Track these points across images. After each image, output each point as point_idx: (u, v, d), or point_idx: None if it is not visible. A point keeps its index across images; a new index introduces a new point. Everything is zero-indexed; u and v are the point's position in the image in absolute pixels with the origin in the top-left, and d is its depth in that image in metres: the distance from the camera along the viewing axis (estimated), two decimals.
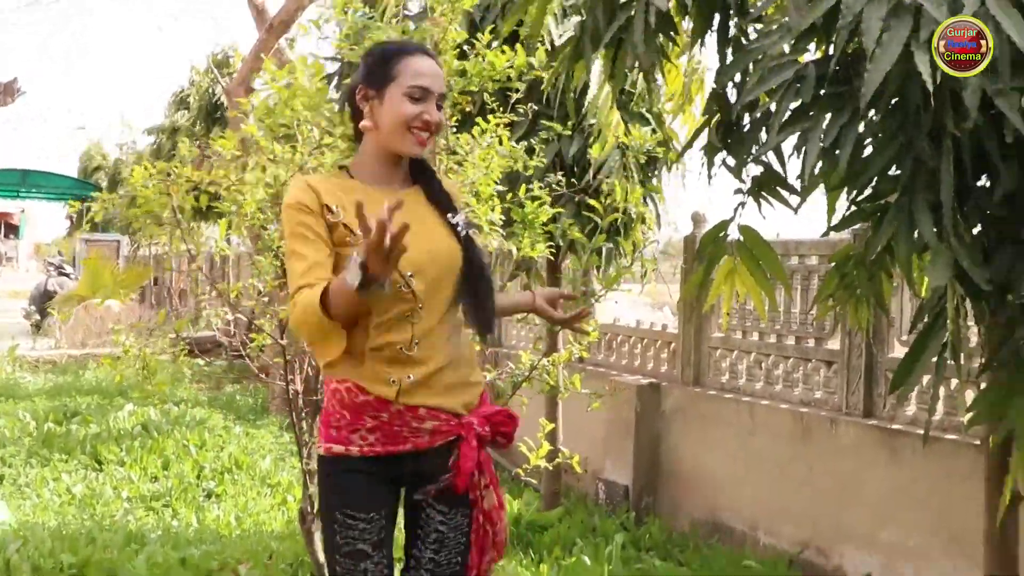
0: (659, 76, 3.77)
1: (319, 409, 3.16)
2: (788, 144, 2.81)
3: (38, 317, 17.32)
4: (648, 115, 5.18)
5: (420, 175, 2.34)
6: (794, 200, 3.02)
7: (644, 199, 5.07)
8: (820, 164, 2.74)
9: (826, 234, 2.96)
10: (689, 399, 6.54)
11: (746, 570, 5.30)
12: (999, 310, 2.75)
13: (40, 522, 5.95)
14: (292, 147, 3.24)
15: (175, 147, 13.35)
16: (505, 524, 2.35)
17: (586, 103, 4.41)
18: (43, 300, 17.65)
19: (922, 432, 4.72)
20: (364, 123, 2.25)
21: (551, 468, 4.37)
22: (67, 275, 19.63)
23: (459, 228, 2.26)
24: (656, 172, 5.37)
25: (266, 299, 3.79)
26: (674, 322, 6.90)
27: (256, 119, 3.30)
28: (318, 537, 3.85)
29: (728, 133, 3.11)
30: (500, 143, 3.85)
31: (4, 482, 7.07)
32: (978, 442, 4.38)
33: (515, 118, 4.04)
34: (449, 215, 2.28)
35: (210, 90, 13.26)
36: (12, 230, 41.15)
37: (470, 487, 2.24)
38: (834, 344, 5.53)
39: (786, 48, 2.69)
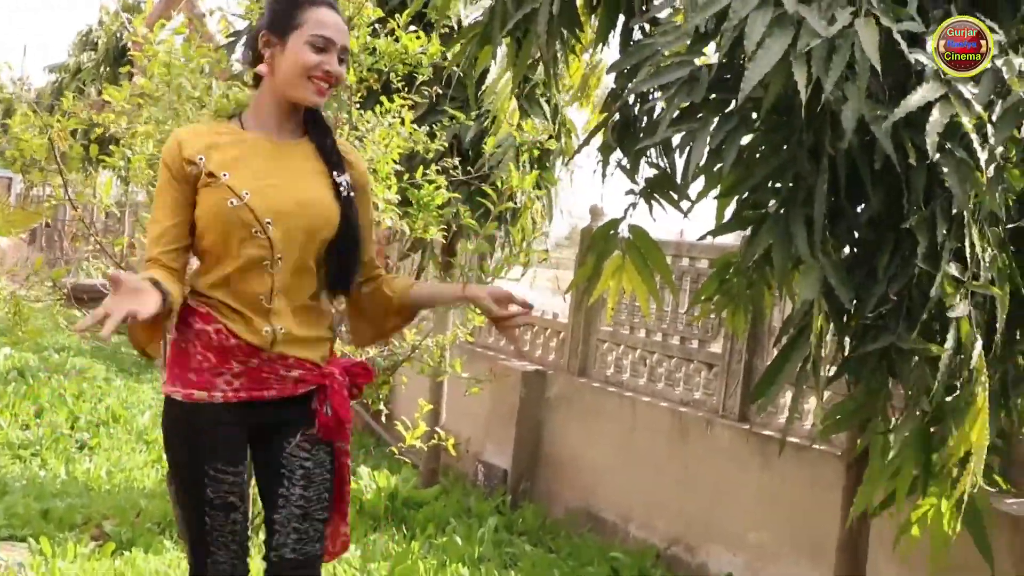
0: (561, 68, 3.82)
1: None
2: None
3: None
4: (546, 105, 5.25)
5: (314, 127, 2.31)
6: (686, 205, 3.10)
7: (539, 188, 5.13)
8: (714, 168, 2.83)
9: (703, 238, 3.04)
10: (574, 389, 6.63)
11: (612, 561, 5.41)
12: (850, 326, 2.87)
13: None
14: (184, 102, 3.18)
15: (79, 89, 12.95)
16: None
17: (483, 89, 4.43)
18: None
19: (793, 440, 4.89)
20: (260, 67, 2.23)
21: (428, 448, 4.40)
22: None
23: (342, 188, 2.25)
24: (550, 163, 5.44)
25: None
26: (567, 311, 6.98)
27: (150, 73, 3.23)
28: None
29: (624, 133, 3.17)
30: (402, 123, 3.85)
31: None
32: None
33: (419, 99, 4.04)
34: (335, 173, 2.26)
35: (117, 34, 12.88)
36: None
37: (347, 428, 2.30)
38: (716, 348, 5.67)
39: (680, 48, 2.76)
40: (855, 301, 2.72)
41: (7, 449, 6.45)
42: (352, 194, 2.27)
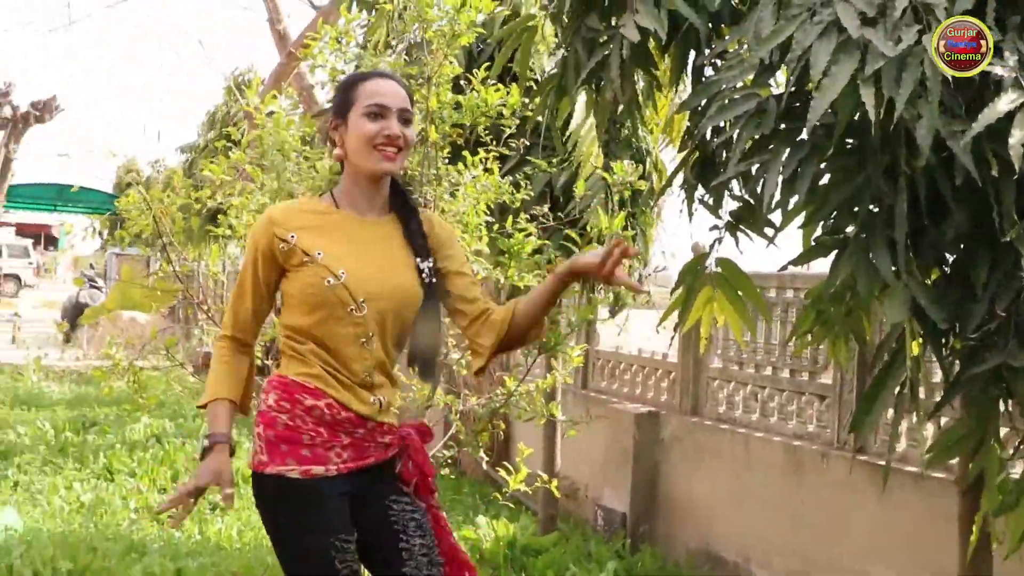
0: (646, 109, 3.86)
1: None
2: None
3: (68, 328, 17.62)
4: (637, 145, 5.28)
5: (401, 207, 2.40)
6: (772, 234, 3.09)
7: (629, 229, 5.15)
8: (790, 198, 2.83)
9: (783, 268, 3.02)
10: (687, 428, 6.57)
11: None
12: (949, 349, 2.79)
13: (46, 529, 6.08)
14: (276, 175, 3.35)
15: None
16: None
17: (567, 134, 4.50)
18: (74, 312, 17.96)
19: (910, 469, 4.74)
20: (336, 151, 2.34)
21: (543, 494, 4.42)
22: (98, 288, 19.95)
23: (424, 275, 2.34)
24: (640, 206, 5.46)
25: None
26: (675, 350, 6.94)
27: (254, 143, 3.42)
28: None
29: (704, 169, 3.19)
30: (489, 175, 3.95)
31: (18, 489, 7.22)
32: None
33: (507, 152, 4.14)
34: (419, 260, 2.35)
35: (229, 112, 13.51)
36: (52, 242, 41.84)
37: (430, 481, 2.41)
38: (827, 379, 5.56)
39: (744, 82, 2.77)
40: (954, 322, 2.65)
41: (147, 512, 6.76)
42: (434, 280, 2.36)
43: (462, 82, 4.08)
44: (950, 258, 2.85)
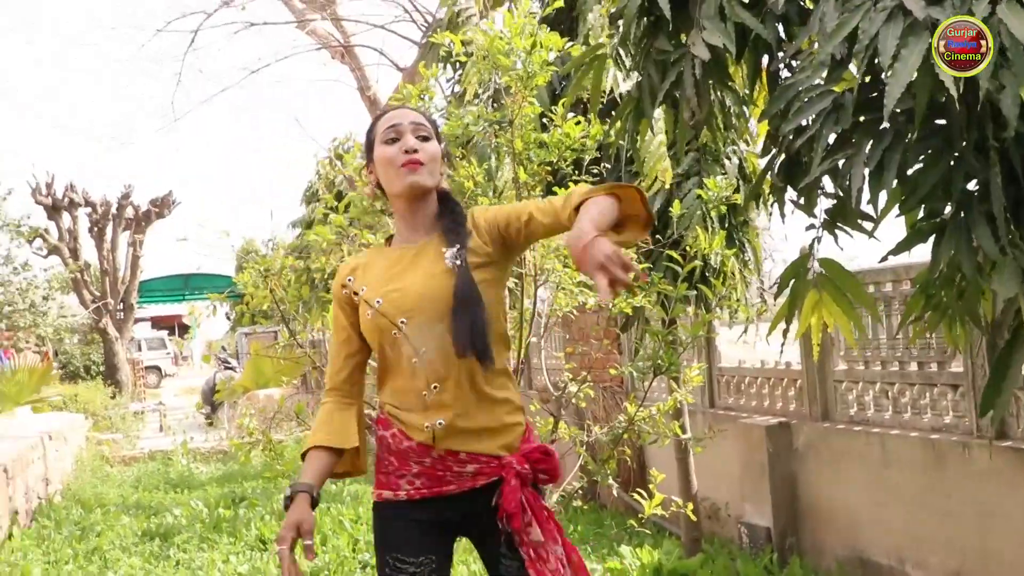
0: (736, 122, 3.86)
1: None
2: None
3: (209, 410, 18.31)
4: (729, 160, 5.26)
5: (448, 219, 2.38)
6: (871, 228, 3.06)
7: (735, 244, 5.13)
8: (881, 189, 2.81)
9: (884, 259, 2.99)
10: (820, 435, 6.45)
11: None
12: None
13: None
14: (376, 232, 3.49)
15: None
16: (564, 559, 2.32)
17: (636, 150, 4.48)
18: (212, 394, 18.65)
19: None
20: (375, 191, 2.45)
21: (667, 516, 4.41)
22: (232, 368, 20.69)
23: (447, 261, 2.28)
24: (739, 219, 5.41)
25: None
26: (799, 358, 6.84)
27: (340, 211, 3.58)
28: None
29: (792, 171, 3.18)
30: None
31: (180, 567, 7.53)
32: None
33: (590, 180, 4.20)
34: (444, 249, 2.31)
35: (333, 180, 13.91)
36: (185, 331, 43.60)
37: (518, 524, 2.28)
38: (958, 366, 5.40)
39: (820, 80, 2.78)
40: None
41: None
42: (460, 262, 2.28)
43: (544, 120, 4.16)
44: None
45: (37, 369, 16.13)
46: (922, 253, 3.03)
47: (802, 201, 3.11)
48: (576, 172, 4.02)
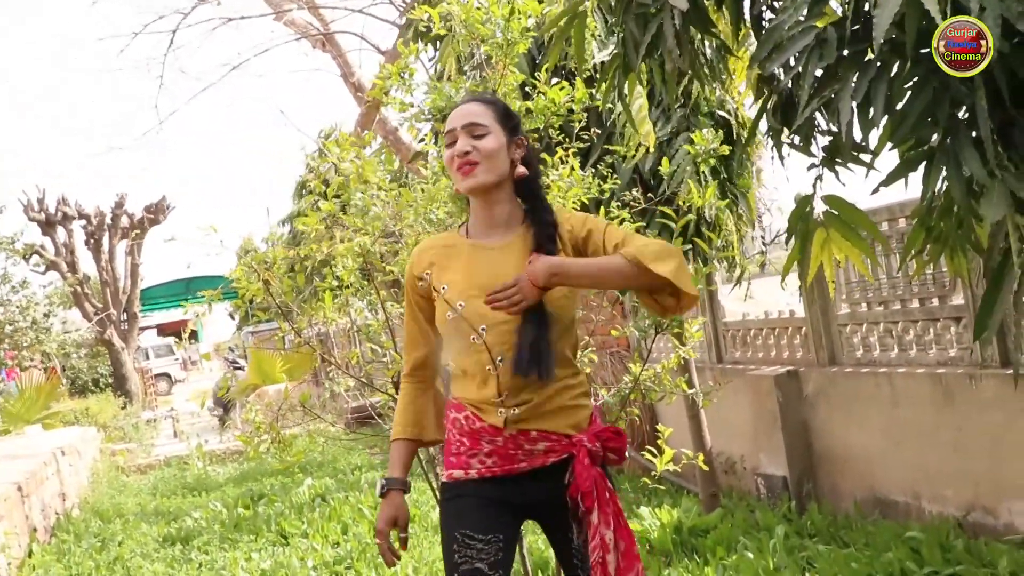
0: (721, 73, 3.83)
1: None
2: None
3: (221, 412, 18.35)
4: (719, 113, 5.24)
5: (532, 217, 2.41)
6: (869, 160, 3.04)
7: (726, 196, 5.11)
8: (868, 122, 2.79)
9: (875, 191, 2.97)
10: (828, 380, 6.47)
11: (910, 542, 5.20)
12: None
13: None
14: (362, 214, 3.47)
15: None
16: (615, 545, 2.34)
17: (613, 116, 4.47)
18: (223, 396, 18.67)
19: None
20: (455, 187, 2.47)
21: (680, 472, 4.42)
22: (241, 368, 20.68)
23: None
24: (736, 169, 5.38)
25: (384, 359, 4.03)
26: (802, 305, 6.85)
27: (331, 195, 3.57)
28: None
29: (786, 112, 3.16)
30: (571, 172, 3.99)
31: (202, 568, 7.56)
32: None
33: (580, 145, 4.18)
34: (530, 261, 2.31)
35: (323, 175, 13.95)
36: (193, 335, 43.66)
37: (591, 503, 2.31)
38: (959, 299, 5.41)
39: (802, 16, 2.76)
40: None
41: (324, 568, 6.99)
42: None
43: (527, 88, 4.13)
44: None
45: (44, 386, 16.12)
46: (916, 190, 3.02)
47: (798, 141, 3.10)
48: (567, 139, 3.99)
